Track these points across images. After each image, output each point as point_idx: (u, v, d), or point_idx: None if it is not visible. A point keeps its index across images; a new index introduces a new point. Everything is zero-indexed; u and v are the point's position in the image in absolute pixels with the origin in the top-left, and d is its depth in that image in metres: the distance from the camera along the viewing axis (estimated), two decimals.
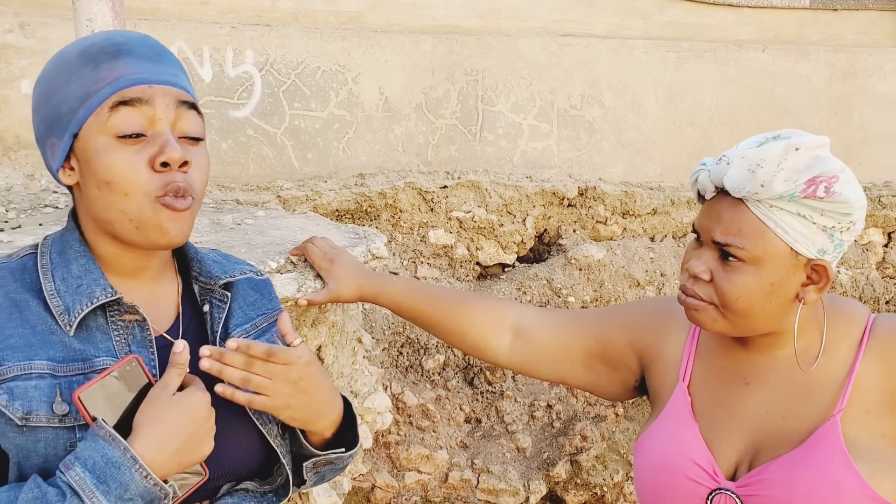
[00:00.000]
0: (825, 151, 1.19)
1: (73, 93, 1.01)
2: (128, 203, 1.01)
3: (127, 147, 1.00)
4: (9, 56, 2.74)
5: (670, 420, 1.34)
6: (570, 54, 3.58)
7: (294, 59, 3.14)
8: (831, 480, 1.17)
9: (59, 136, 1.03)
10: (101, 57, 1.02)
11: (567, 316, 1.57)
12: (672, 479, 1.29)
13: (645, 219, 3.66)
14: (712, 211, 1.25)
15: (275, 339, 1.21)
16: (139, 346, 1.05)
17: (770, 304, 1.23)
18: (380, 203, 3.25)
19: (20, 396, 0.98)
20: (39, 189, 2.66)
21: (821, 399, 1.24)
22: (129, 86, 1.00)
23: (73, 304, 1.02)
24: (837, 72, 4.06)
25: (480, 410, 3.26)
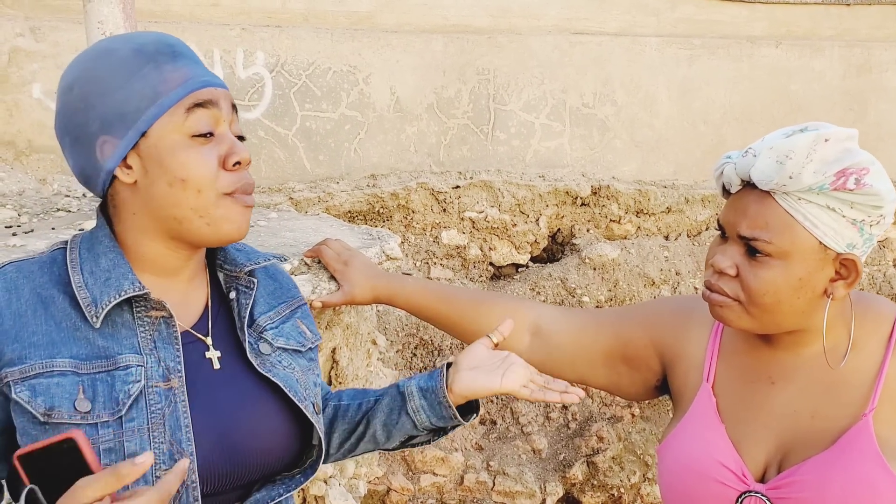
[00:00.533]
0: (854, 144, 1.16)
1: (138, 92, 1.02)
2: (200, 200, 1.04)
3: (200, 146, 1.04)
4: (20, 60, 2.73)
5: (695, 421, 1.31)
6: (582, 52, 3.55)
7: (305, 59, 3.13)
8: (865, 482, 1.14)
9: (118, 133, 1.03)
10: (160, 57, 1.04)
11: (587, 316, 1.54)
12: (700, 482, 1.26)
13: (659, 217, 3.63)
14: (738, 205, 1.22)
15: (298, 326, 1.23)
16: (164, 342, 1.05)
17: (798, 300, 1.19)
18: (392, 204, 3.23)
19: (42, 392, 0.98)
20: (52, 193, 2.66)
21: (850, 398, 1.21)
22: (200, 87, 1.04)
23: (101, 296, 1.03)
24: (852, 67, 4.02)
25: (495, 412, 3.24)
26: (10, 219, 2.26)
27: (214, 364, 1.10)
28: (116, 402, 1.00)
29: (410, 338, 3.20)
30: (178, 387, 1.04)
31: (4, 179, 2.59)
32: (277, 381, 1.12)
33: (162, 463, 1.01)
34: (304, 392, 1.15)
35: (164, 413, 1.02)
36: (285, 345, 1.17)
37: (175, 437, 1.02)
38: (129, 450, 0.99)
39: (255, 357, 1.13)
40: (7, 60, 2.72)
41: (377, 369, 2.38)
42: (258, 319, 1.16)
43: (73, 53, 2.76)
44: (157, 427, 1.01)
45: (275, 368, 1.13)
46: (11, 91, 2.73)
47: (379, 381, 2.40)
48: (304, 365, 1.19)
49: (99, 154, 1.04)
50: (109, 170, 1.04)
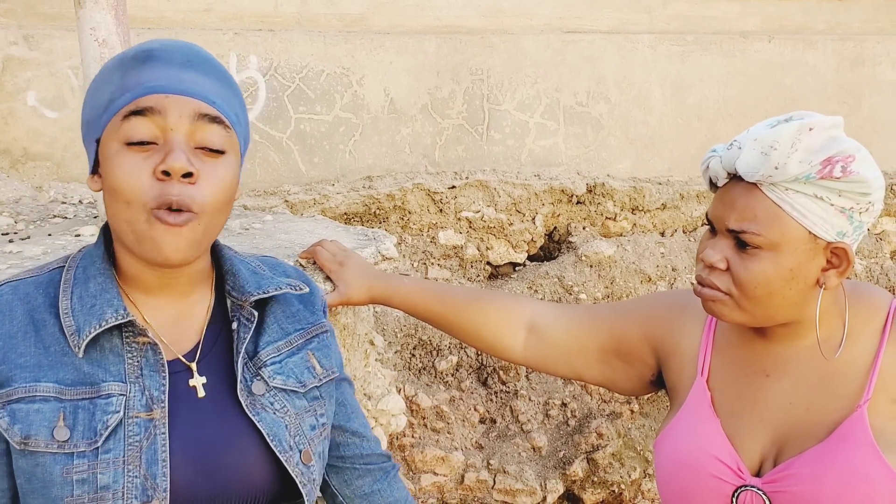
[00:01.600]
0: (839, 132, 1.16)
1: (101, 98, 1.02)
2: (129, 212, 0.98)
3: (134, 154, 0.98)
4: (14, 68, 2.74)
5: (690, 416, 1.31)
6: (575, 51, 3.56)
7: (298, 62, 3.14)
8: (861, 474, 1.14)
9: (88, 141, 1.04)
10: (131, 63, 1.01)
11: (581, 311, 1.54)
12: (695, 477, 1.26)
13: (654, 214, 3.64)
14: (725, 198, 1.22)
15: (308, 359, 1.16)
16: (151, 370, 1.03)
17: (790, 291, 1.19)
18: (388, 205, 3.24)
19: (21, 420, 0.97)
20: (48, 200, 2.66)
21: (845, 390, 1.21)
22: (144, 94, 0.98)
23: (84, 325, 1.01)
24: (845, 60, 4.03)
25: (495, 410, 3.24)
26: (7, 226, 2.27)
27: (199, 392, 1.07)
28: (94, 433, 0.98)
29: (409, 338, 3.20)
30: (159, 418, 1.01)
31: (0, 187, 2.60)
32: (262, 427, 1.07)
33: (134, 498, 0.98)
34: (290, 440, 1.09)
35: (142, 445, 1.00)
36: (283, 384, 1.11)
37: (150, 472, 0.99)
38: (102, 482, 0.97)
39: (246, 396, 1.08)
40: (1, 69, 2.73)
41: (375, 370, 2.39)
42: (261, 352, 1.11)
43: (67, 61, 2.78)
44: (133, 460, 0.99)
45: (264, 412, 1.08)
46: (6, 99, 2.74)
47: (377, 382, 2.40)
48: (302, 406, 1.12)
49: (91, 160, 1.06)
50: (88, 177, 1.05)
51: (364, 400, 2.35)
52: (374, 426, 2.40)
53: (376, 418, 2.38)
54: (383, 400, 2.37)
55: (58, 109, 2.78)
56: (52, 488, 0.97)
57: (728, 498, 1.23)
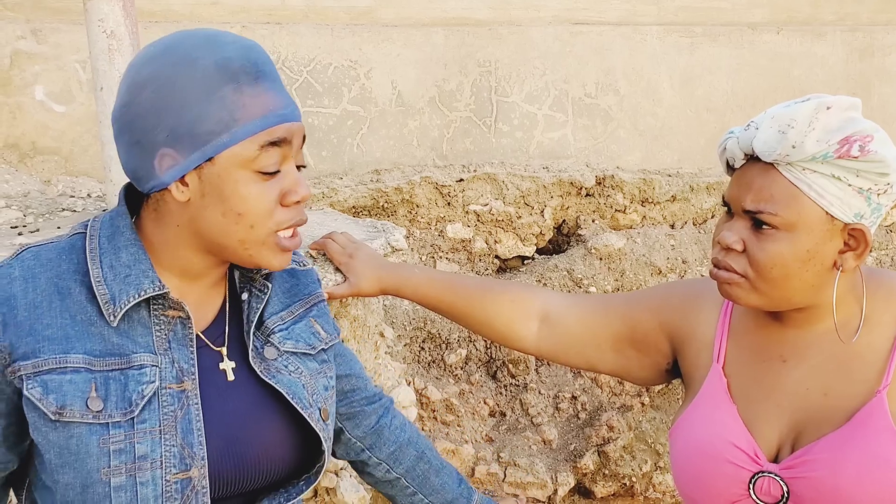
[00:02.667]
0: (857, 113, 1.14)
1: (214, 114, 0.98)
2: (250, 234, 1.02)
3: (264, 182, 1.01)
4: (22, 62, 2.74)
5: (707, 403, 1.29)
6: (583, 42, 3.54)
7: (305, 55, 3.13)
8: (881, 459, 1.13)
9: (183, 151, 0.99)
10: (243, 77, 0.99)
11: (595, 301, 1.53)
12: (712, 464, 1.24)
13: (664, 206, 3.62)
14: (742, 179, 1.20)
15: (312, 325, 1.20)
16: (179, 343, 1.04)
17: (807, 273, 1.17)
18: (396, 198, 3.23)
19: (54, 390, 0.96)
20: (56, 194, 2.66)
21: (864, 375, 1.19)
22: (278, 123, 1.00)
23: (120, 294, 1.01)
24: (854, 51, 4.00)
25: (504, 403, 3.23)
26: (16, 219, 2.27)
27: (229, 375, 1.09)
28: (129, 403, 0.99)
29: (418, 331, 3.19)
30: (190, 389, 1.03)
31: (9, 181, 2.60)
32: (281, 388, 1.10)
33: (172, 466, 0.99)
34: (309, 398, 1.13)
35: (177, 415, 1.01)
36: (293, 348, 1.15)
37: (186, 441, 1.01)
38: (140, 451, 0.98)
39: (259, 363, 1.11)
40: (9, 63, 2.73)
41: (385, 361, 2.38)
42: (267, 321, 1.14)
43: (74, 55, 2.77)
44: (169, 429, 1.00)
45: (279, 374, 1.11)
46: (14, 94, 2.73)
47: (388, 374, 2.40)
48: (315, 368, 1.17)
49: (157, 164, 1.00)
50: (164, 183, 1.01)
51: None
52: None
53: None
54: (394, 392, 2.36)
55: (66, 103, 2.78)
56: (88, 460, 0.97)
57: (745, 484, 1.22)
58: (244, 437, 1.07)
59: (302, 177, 1.05)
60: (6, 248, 1.87)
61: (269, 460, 1.09)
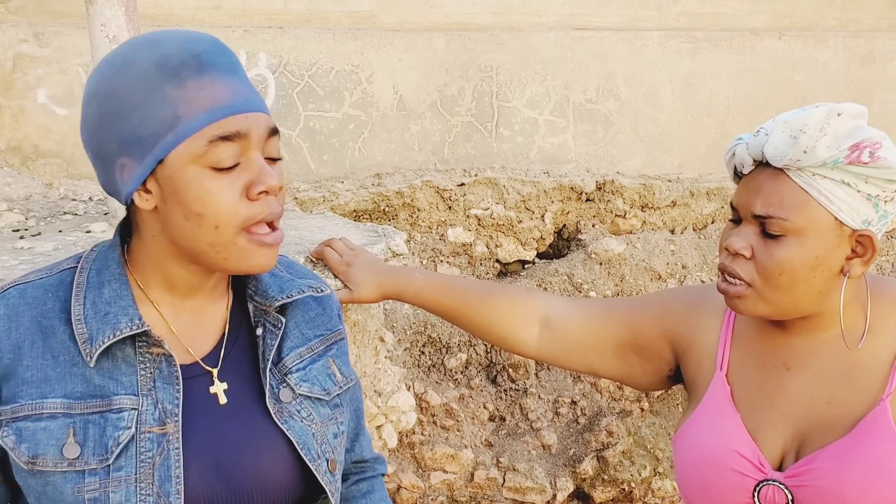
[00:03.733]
0: (865, 121, 1.16)
1: (155, 114, 0.93)
2: (217, 236, 0.96)
3: (222, 178, 0.95)
4: (25, 66, 2.75)
5: (710, 410, 1.29)
6: (584, 48, 3.55)
7: (307, 60, 3.14)
8: (885, 467, 1.13)
9: (135, 157, 0.95)
10: (184, 72, 0.94)
11: (597, 305, 1.52)
12: (716, 472, 1.24)
13: (664, 211, 3.63)
14: (751, 184, 1.21)
15: (329, 366, 1.15)
16: (165, 381, 1.00)
17: (814, 280, 1.17)
18: (397, 202, 3.23)
19: (28, 439, 0.94)
20: (58, 197, 2.67)
21: (867, 383, 1.19)
22: (227, 115, 0.95)
23: (97, 333, 0.97)
24: (856, 57, 4.00)
25: (504, 408, 3.24)
26: (18, 222, 2.28)
27: (220, 398, 1.05)
28: (105, 449, 0.96)
29: (418, 336, 3.20)
30: (172, 432, 0.99)
31: (11, 184, 2.61)
32: (291, 435, 1.05)
33: None
34: (318, 449, 1.08)
35: (155, 462, 0.97)
36: (309, 392, 1.10)
37: (163, 489, 0.97)
38: (114, 500, 0.95)
39: (274, 404, 1.06)
40: (12, 66, 2.74)
41: (385, 366, 2.39)
42: (286, 358, 1.10)
43: (77, 58, 2.78)
44: (146, 477, 0.97)
45: (292, 420, 1.07)
46: (17, 97, 2.74)
47: (387, 378, 2.40)
48: (326, 415, 1.12)
49: (118, 175, 0.97)
50: (128, 193, 0.97)
51: (374, 396, 2.35)
52: (385, 423, 2.40)
53: (386, 415, 2.38)
54: (393, 397, 2.37)
55: (68, 107, 2.79)
56: None
57: (749, 493, 1.22)
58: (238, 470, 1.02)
59: (268, 167, 0.98)
60: (8, 253, 1.87)
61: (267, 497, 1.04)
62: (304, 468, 1.07)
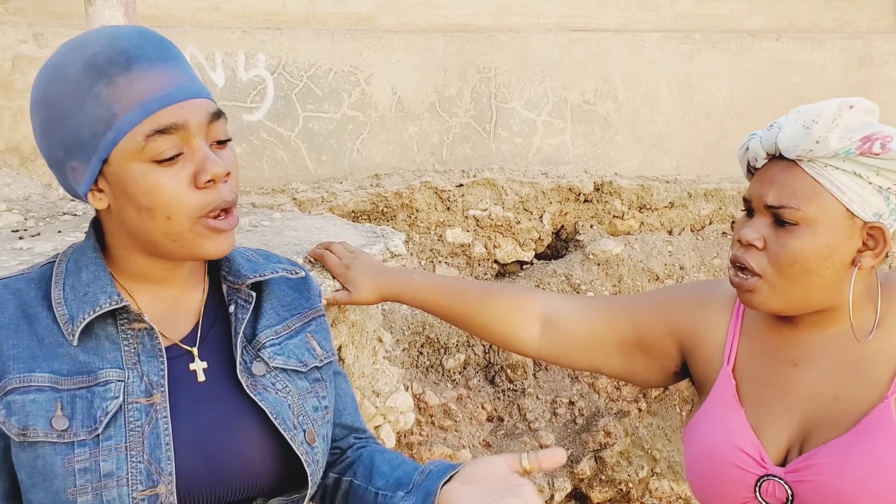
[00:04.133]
0: (876, 118, 1.18)
1: (91, 115, 0.94)
2: (170, 226, 0.98)
3: (166, 170, 0.96)
4: (24, 67, 2.75)
5: (716, 406, 1.30)
6: (583, 49, 3.56)
7: (306, 61, 3.14)
8: (885, 464, 1.14)
9: (82, 160, 0.97)
10: (112, 70, 0.94)
11: (599, 303, 1.52)
12: (719, 468, 1.26)
13: (662, 212, 3.63)
14: (765, 176, 1.22)
15: (308, 340, 1.16)
16: (148, 355, 1.02)
17: (826, 270, 1.18)
18: (396, 203, 3.24)
19: (17, 411, 0.96)
20: (57, 198, 2.67)
21: (873, 380, 1.20)
22: (161, 107, 0.95)
23: (77, 312, 1.00)
24: (853, 59, 4.02)
25: (502, 409, 3.24)
26: (17, 223, 2.28)
27: (199, 376, 1.06)
28: (94, 420, 0.97)
29: (416, 336, 3.20)
30: (160, 402, 1.01)
31: (10, 185, 2.61)
32: (265, 406, 1.06)
33: (139, 483, 0.97)
34: (294, 420, 1.08)
35: (144, 430, 0.99)
36: (284, 364, 1.11)
37: (154, 456, 0.99)
38: (105, 469, 0.96)
39: (247, 377, 1.08)
40: (11, 67, 2.74)
41: (383, 367, 2.39)
42: (260, 335, 1.11)
43: None
44: (136, 446, 0.98)
45: (265, 392, 1.08)
46: (15, 97, 2.75)
47: (385, 379, 2.40)
48: (304, 387, 1.12)
49: (71, 178, 1.00)
50: (82, 195, 1.00)
51: (372, 397, 2.35)
52: (383, 423, 2.40)
53: (385, 415, 2.38)
54: (392, 397, 2.37)
55: None
56: (54, 480, 0.96)
57: (751, 487, 1.23)
58: (217, 445, 1.04)
59: (212, 154, 0.99)
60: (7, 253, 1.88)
61: (244, 471, 1.05)
62: (282, 443, 1.07)
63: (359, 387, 2.25)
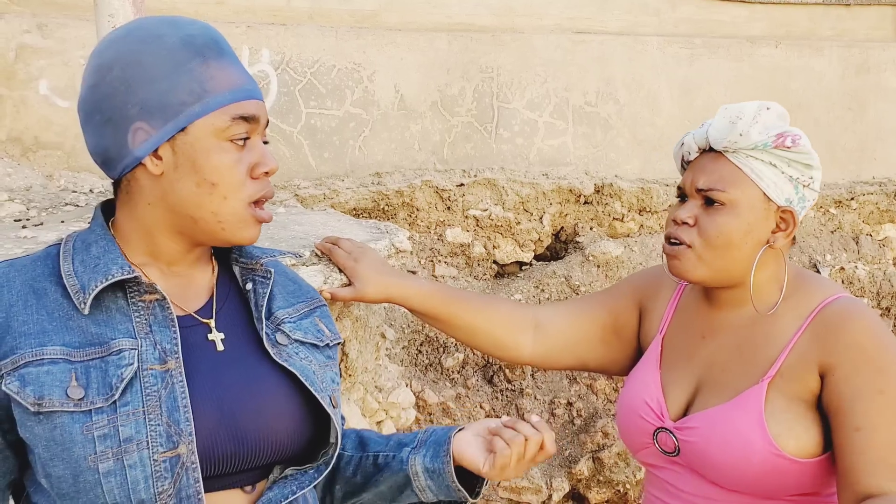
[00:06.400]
0: (786, 123, 1.39)
1: (184, 85, 1.01)
2: (224, 206, 1.05)
3: (235, 153, 1.04)
4: (27, 57, 2.74)
5: (642, 367, 1.53)
6: (585, 51, 3.57)
7: (310, 57, 3.14)
8: (742, 438, 1.33)
9: (156, 123, 1.02)
10: (208, 52, 1.03)
11: (579, 301, 1.71)
12: (630, 417, 1.49)
13: (661, 215, 3.65)
14: (696, 166, 1.43)
15: (317, 323, 1.21)
16: (160, 325, 1.04)
17: (745, 245, 1.39)
18: (397, 201, 3.24)
19: (31, 382, 0.96)
20: (58, 189, 2.66)
21: (758, 361, 1.39)
22: (246, 99, 1.05)
23: (89, 282, 1.02)
24: (850, 67, 4.05)
25: (500, 408, 3.24)
26: (19, 213, 2.27)
27: (218, 346, 1.09)
28: (110, 388, 0.98)
29: (416, 334, 3.20)
30: (175, 368, 1.02)
31: (12, 175, 2.60)
32: (294, 370, 1.11)
33: (159, 445, 0.99)
34: (321, 384, 1.13)
35: (161, 395, 1.00)
36: (303, 338, 1.16)
37: (172, 418, 1.00)
38: (125, 434, 0.97)
39: (272, 346, 1.12)
40: (14, 57, 2.73)
41: (385, 363, 2.39)
42: (276, 313, 1.16)
43: (80, 50, 2.78)
44: (154, 409, 0.99)
45: (291, 359, 1.12)
46: (18, 87, 2.73)
47: (387, 375, 2.40)
48: (322, 360, 1.18)
49: (130, 139, 1.02)
50: (138, 157, 1.02)
51: (375, 392, 2.35)
52: (385, 419, 2.40)
53: (387, 411, 2.38)
54: (394, 393, 2.37)
55: (69, 99, 2.77)
56: (74, 448, 0.96)
57: (650, 435, 1.46)
58: (240, 408, 1.06)
59: (269, 151, 1.10)
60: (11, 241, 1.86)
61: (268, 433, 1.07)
62: (307, 409, 1.12)
63: (361, 382, 2.24)
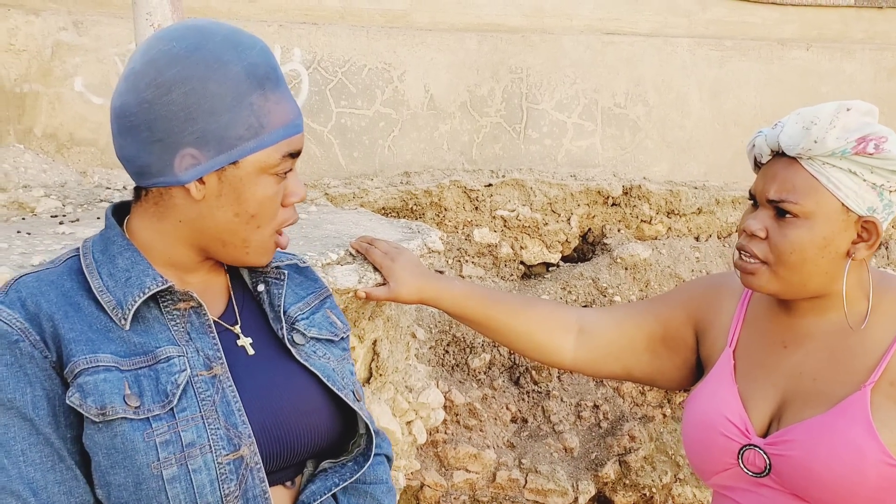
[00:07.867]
0: (874, 119, 1.24)
1: (244, 120, 1.01)
2: (255, 234, 1.06)
3: (276, 185, 1.06)
4: (63, 54, 2.76)
5: (714, 381, 1.40)
6: (614, 53, 3.56)
7: (341, 57, 3.15)
8: (853, 448, 1.22)
9: (208, 153, 1.00)
10: (267, 84, 1.03)
11: (626, 307, 1.60)
12: (708, 435, 1.36)
13: (690, 218, 3.62)
14: (768, 172, 1.31)
15: (328, 316, 1.23)
16: (199, 332, 1.04)
17: (822, 260, 1.27)
18: (425, 201, 3.24)
19: (91, 392, 0.96)
20: (92, 185, 2.68)
21: (854, 368, 1.28)
22: (296, 133, 1.06)
23: (125, 296, 1.01)
24: (882, 70, 4.00)
25: (527, 410, 3.23)
26: (55, 208, 2.29)
27: (248, 350, 1.10)
28: (165, 395, 0.98)
29: (443, 335, 3.20)
30: (221, 373, 1.03)
31: (47, 171, 2.62)
32: (315, 370, 1.12)
33: (222, 448, 0.99)
34: (341, 381, 1.15)
35: (214, 400, 1.01)
36: (318, 335, 1.17)
37: (230, 422, 1.01)
38: (187, 439, 0.98)
39: (292, 346, 1.13)
40: (50, 54, 2.75)
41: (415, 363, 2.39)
42: (289, 310, 1.17)
43: (114, 47, 2.80)
44: (210, 414, 1.00)
45: (311, 358, 1.14)
46: (54, 84, 2.76)
47: (418, 375, 2.40)
48: (339, 355, 1.19)
49: (177, 162, 1.00)
50: (182, 181, 1.01)
51: (405, 392, 2.35)
52: (415, 419, 2.40)
53: (417, 411, 2.38)
54: (424, 393, 2.37)
55: (104, 96, 2.80)
56: (136, 456, 0.96)
57: (735, 455, 1.33)
58: (280, 407, 1.08)
59: (299, 179, 1.11)
60: (50, 237, 1.88)
61: (308, 427, 1.10)
62: (335, 403, 1.14)
63: (392, 381, 2.24)
